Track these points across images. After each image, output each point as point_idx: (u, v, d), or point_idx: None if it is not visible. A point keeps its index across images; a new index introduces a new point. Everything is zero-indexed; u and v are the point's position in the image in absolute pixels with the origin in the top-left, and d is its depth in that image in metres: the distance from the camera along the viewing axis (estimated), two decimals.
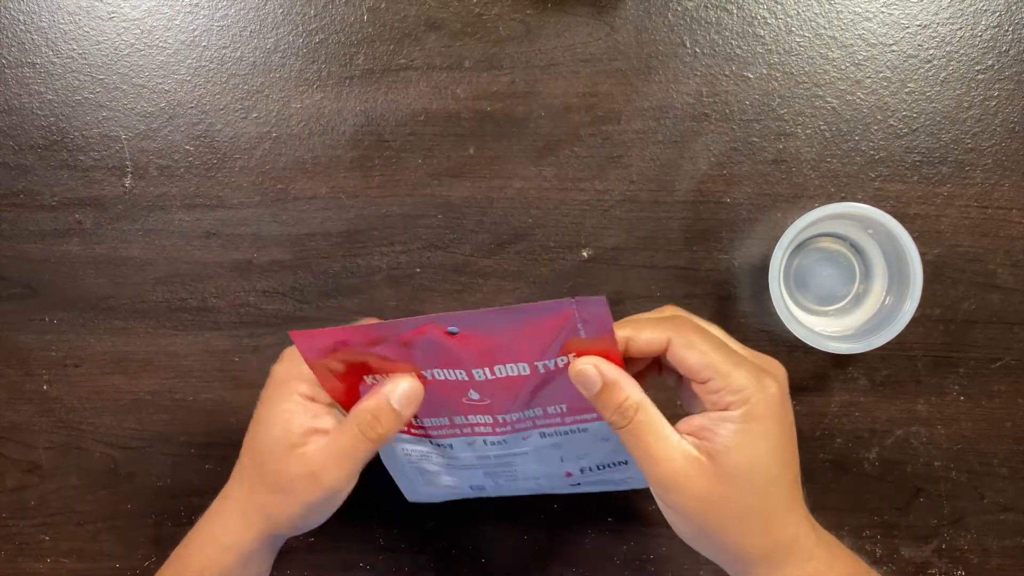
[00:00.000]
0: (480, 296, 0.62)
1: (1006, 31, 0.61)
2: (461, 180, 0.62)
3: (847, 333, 0.60)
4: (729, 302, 0.62)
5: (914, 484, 0.62)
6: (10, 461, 0.63)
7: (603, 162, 0.62)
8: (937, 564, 0.63)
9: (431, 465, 0.54)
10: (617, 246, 0.62)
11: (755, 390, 0.42)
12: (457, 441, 0.51)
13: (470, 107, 0.62)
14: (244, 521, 0.49)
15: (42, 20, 0.62)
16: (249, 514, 0.49)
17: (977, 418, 0.62)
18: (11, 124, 0.62)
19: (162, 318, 0.63)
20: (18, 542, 0.64)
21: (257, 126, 0.62)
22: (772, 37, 0.61)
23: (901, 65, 0.61)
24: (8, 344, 0.63)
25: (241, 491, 0.49)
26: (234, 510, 0.49)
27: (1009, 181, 0.61)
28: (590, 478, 0.53)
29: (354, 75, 0.62)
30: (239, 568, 0.49)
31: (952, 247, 0.61)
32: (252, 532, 0.49)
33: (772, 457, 0.43)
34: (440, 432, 0.51)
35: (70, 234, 0.63)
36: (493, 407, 0.48)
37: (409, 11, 0.62)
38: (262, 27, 0.62)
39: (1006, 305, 0.62)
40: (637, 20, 0.61)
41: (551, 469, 0.52)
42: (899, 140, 0.61)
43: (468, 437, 0.50)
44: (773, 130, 0.61)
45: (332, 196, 0.62)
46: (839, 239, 0.62)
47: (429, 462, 0.53)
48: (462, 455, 0.52)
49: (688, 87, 0.61)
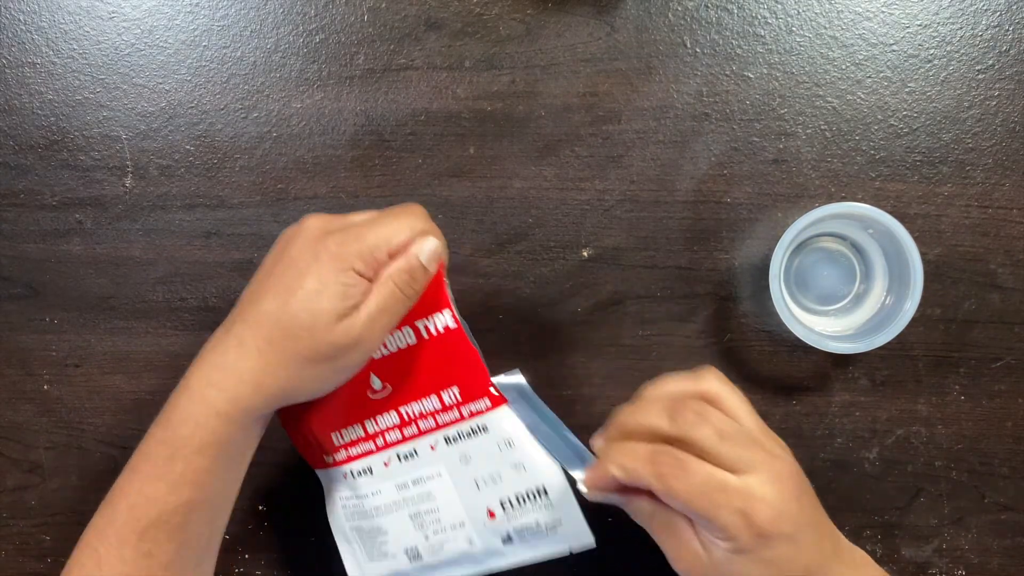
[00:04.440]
0: (480, 295, 0.62)
1: (1007, 31, 0.61)
2: (461, 180, 0.62)
3: (847, 333, 0.60)
4: (729, 302, 0.62)
5: (915, 484, 0.62)
6: (11, 461, 0.63)
7: (603, 162, 0.62)
8: (938, 564, 0.63)
9: (366, 519, 0.54)
10: (617, 246, 0.62)
11: (740, 528, 0.44)
12: (375, 463, 0.52)
13: (470, 107, 0.62)
14: (257, 391, 0.47)
15: (42, 20, 0.62)
16: (265, 383, 0.47)
17: (978, 418, 0.62)
18: (11, 124, 0.63)
19: (163, 318, 0.63)
20: (19, 542, 0.64)
21: (257, 126, 0.62)
22: (773, 37, 0.61)
23: (902, 65, 0.61)
24: (8, 344, 0.63)
25: (253, 360, 0.46)
26: (244, 380, 0.46)
27: (1010, 181, 0.61)
28: (518, 522, 0.51)
29: (354, 75, 0.62)
30: (242, 435, 0.48)
31: (953, 247, 0.61)
32: (263, 400, 0.47)
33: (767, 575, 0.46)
34: (357, 451, 0.53)
35: (71, 234, 0.63)
36: (394, 398, 0.51)
37: (409, 11, 0.62)
38: (262, 27, 0.62)
39: (1007, 305, 0.62)
40: (637, 20, 0.61)
41: (473, 507, 0.52)
42: (900, 140, 0.61)
43: (383, 453, 0.52)
44: (774, 130, 0.61)
45: (332, 196, 0.62)
46: (840, 239, 0.62)
47: (363, 515, 0.54)
48: (382, 486, 0.53)
49: (689, 87, 0.61)
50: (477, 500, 0.52)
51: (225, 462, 0.48)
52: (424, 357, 0.51)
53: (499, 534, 0.52)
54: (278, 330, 0.46)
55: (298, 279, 0.46)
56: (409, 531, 0.53)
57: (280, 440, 0.54)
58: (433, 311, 0.50)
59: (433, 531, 0.53)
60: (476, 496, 0.52)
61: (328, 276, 0.46)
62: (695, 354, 0.62)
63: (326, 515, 0.64)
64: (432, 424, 0.51)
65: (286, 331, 0.46)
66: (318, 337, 0.46)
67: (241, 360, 0.47)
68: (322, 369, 0.47)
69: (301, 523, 0.63)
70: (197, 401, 0.47)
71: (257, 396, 0.47)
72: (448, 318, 0.50)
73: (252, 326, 0.47)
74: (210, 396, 0.46)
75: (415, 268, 0.48)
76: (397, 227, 0.48)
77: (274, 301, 0.47)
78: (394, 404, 0.52)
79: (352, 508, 0.54)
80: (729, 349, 0.62)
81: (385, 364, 0.51)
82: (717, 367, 0.62)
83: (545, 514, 0.51)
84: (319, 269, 0.46)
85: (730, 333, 0.62)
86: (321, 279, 0.46)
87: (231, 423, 0.47)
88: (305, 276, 0.46)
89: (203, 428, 0.46)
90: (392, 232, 0.47)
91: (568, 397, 0.62)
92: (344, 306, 0.46)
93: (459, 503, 0.52)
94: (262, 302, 0.47)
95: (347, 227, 0.48)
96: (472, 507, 0.52)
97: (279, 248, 0.49)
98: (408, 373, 0.51)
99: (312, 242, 0.47)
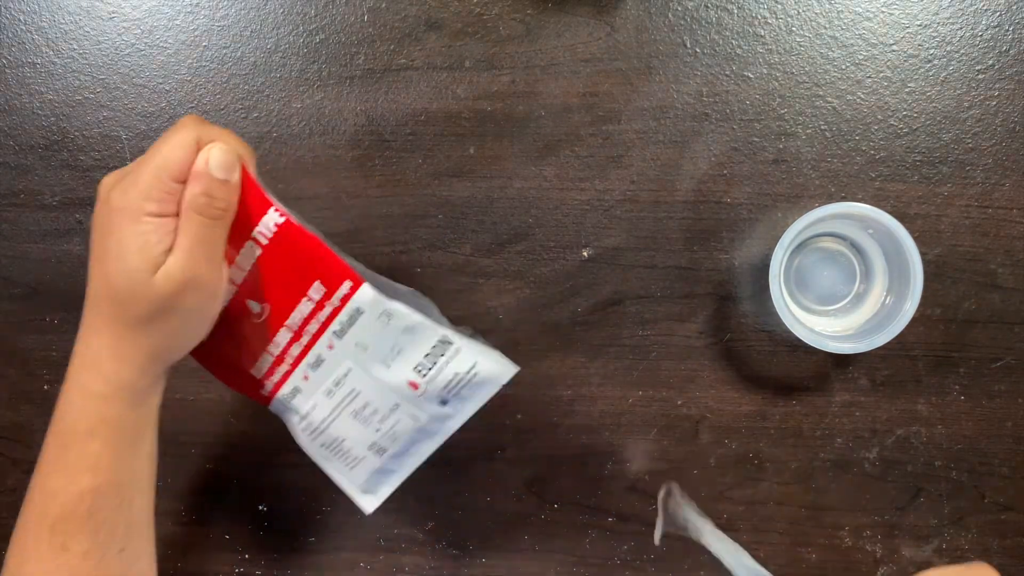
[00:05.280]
0: (480, 295, 0.62)
1: (1006, 31, 0.61)
2: (461, 180, 0.62)
3: (847, 333, 0.60)
4: (729, 302, 0.62)
5: (915, 484, 0.62)
6: (10, 461, 0.63)
7: (603, 162, 0.62)
8: (938, 564, 0.63)
9: (323, 434, 0.54)
10: (617, 246, 0.62)
11: None
12: (296, 381, 0.53)
13: (470, 107, 0.62)
14: (123, 364, 0.46)
15: (43, 20, 0.62)
16: (127, 355, 0.46)
17: (978, 418, 0.62)
18: (12, 124, 0.63)
19: None
20: None
21: (258, 126, 0.62)
22: (773, 37, 0.61)
23: (902, 65, 0.61)
24: (8, 344, 0.63)
25: (106, 338, 0.46)
26: (107, 358, 0.45)
27: (1009, 181, 0.61)
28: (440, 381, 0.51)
29: (355, 75, 0.62)
30: (131, 412, 0.47)
31: (952, 247, 0.61)
32: (135, 371, 0.46)
33: None
34: (277, 376, 0.53)
35: (71, 234, 0.63)
36: (275, 315, 0.51)
37: (409, 11, 0.62)
38: (262, 27, 0.62)
39: (1007, 305, 0.62)
40: (637, 20, 0.61)
41: (395, 385, 0.52)
42: (899, 140, 0.61)
43: (297, 370, 0.52)
44: (774, 130, 0.61)
45: (333, 196, 0.62)
46: (840, 239, 0.62)
47: (318, 431, 0.54)
48: (315, 399, 0.53)
49: (689, 87, 0.61)
50: (394, 378, 0.52)
51: (121, 442, 0.47)
52: (276, 263, 0.50)
53: (433, 400, 0.52)
54: (108, 303, 0.45)
55: (102, 247, 0.44)
56: (359, 429, 0.53)
57: (281, 440, 0.54)
58: (260, 215, 0.48)
59: (378, 420, 0.53)
60: (390, 374, 0.52)
61: (124, 232, 0.43)
62: (695, 354, 0.62)
63: (326, 515, 0.64)
64: (318, 325, 0.51)
65: (115, 300, 0.45)
66: (143, 294, 0.44)
67: (98, 340, 0.46)
68: (173, 321, 0.45)
69: (301, 523, 0.63)
70: (75, 389, 0.46)
71: (127, 369, 0.46)
72: (275, 215, 0.48)
73: (91, 307, 0.46)
74: (85, 380, 0.46)
75: (210, 185, 0.44)
76: (169, 149, 0.44)
77: (95, 278, 0.46)
78: (278, 321, 0.51)
79: (307, 428, 0.54)
80: (729, 349, 0.62)
81: (251, 285, 0.50)
82: (717, 367, 0.62)
83: (458, 362, 0.51)
84: (114, 229, 0.44)
85: (730, 333, 0.62)
86: (119, 239, 0.44)
87: (114, 400, 0.46)
88: (106, 240, 0.44)
89: (87, 412, 0.46)
90: (166, 157, 0.44)
91: (568, 397, 0.62)
92: (152, 255, 0.44)
93: (381, 387, 0.52)
94: (90, 283, 0.46)
95: (125, 174, 0.45)
96: (394, 386, 0.52)
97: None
98: (273, 285, 0.50)
99: (103, 205, 0.45)
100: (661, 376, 0.62)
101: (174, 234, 0.44)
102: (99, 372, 0.46)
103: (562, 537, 0.63)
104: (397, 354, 0.51)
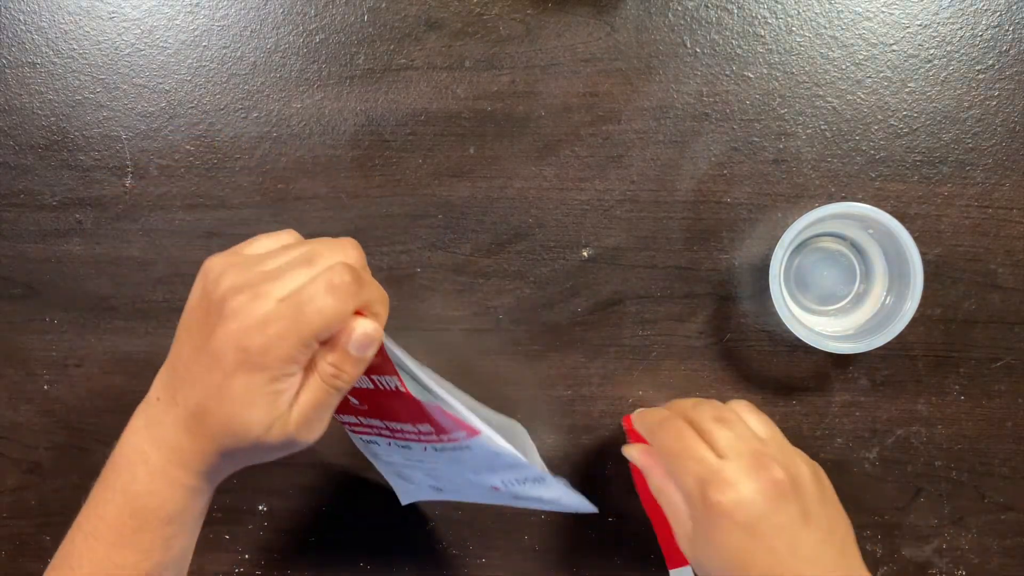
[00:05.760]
0: (480, 295, 0.62)
1: (1006, 31, 0.61)
2: (461, 180, 0.62)
3: (847, 333, 0.60)
4: (729, 302, 0.62)
5: (915, 484, 0.62)
6: (11, 461, 0.63)
7: (603, 162, 0.62)
8: (938, 564, 0.63)
9: (390, 466, 0.55)
10: (617, 246, 0.62)
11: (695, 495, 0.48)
12: (379, 440, 0.53)
13: (470, 107, 0.62)
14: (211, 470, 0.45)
15: (43, 20, 0.62)
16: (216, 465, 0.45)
17: (978, 418, 0.62)
18: (11, 124, 0.63)
19: (162, 318, 0.63)
20: (18, 542, 0.64)
21: (257, 126, 0.62)
22: (773, 37, 0.61)
23: (902, 65, 0.61)
24: (8, 344, 0.63)
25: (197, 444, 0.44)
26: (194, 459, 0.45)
27: (1010, 181, 0.61)
28: (518, 491, 0.52)
29: (354, 75, 0.62)
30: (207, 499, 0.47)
31: (952, 247, 0.61)
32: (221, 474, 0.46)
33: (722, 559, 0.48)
34: (360, 428, 0.52)
35: (70, 234, 0.63)
36: (373, 413, 0.50)
37: (409, 11, 0.62)
38: (262, 27, 0.62)
39: (1007, 305, 0.62)
40: (637, 20, 0.61)
41: (477, 484, 0.52)
42: (899, 140, 0.61)
43: (381, 437, 0.52)
44: (774, 130, 0.61)
45: (332, 196, 0.62)
46: (840, 239, 0.62)
47: (386, 464, 0.55)
48: (392, 455, 0.53)
49: (689, 87, 0.61)
50: (479, 480, 0.52)
51: (195, 525, 0.48)
52: (388, 399, 0.49)
53: (509, 497, 0.52)
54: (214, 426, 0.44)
55: (226, 383, 0.42)
56: (428, 480, 0.55)
57: None
58: (383, 373, 0.47)
59: (447, 481, 0.54)
60: (477, 478, 0.52)
61: (255, 381, 0.42)
62: (695, 354, 0.62)
63: (326, 515, 0.64)
64: (416, 438, 0.51)
65: (219, 432, 0.44)
66: (250, 439, 0.44)
67: (193, 443, 0.45)
68: (263, 456, 0.46)
69: (301, 523, 0.63)
70: (160, 476, 0.45)
71: (215, 474, 0.46)
72: (396, 382, 0.47)
73: (190, 417, 0.44)
74: (174, 473, 0.45)
75: (344, 361, 0.44)
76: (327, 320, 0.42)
77: (206, 399, 0.43)
78: (376, 416, 0.51)
79: (372, 453, 0.55)
80: (729, 349, 0.62)
81: (355, 391, 0.50)
82: (717, 367, 0.62)
83: (544, 489, 0.51)
84: (247, 376, 0.42)
85: (730, 333, 0.62)
86: (248, 387, 0.42)
87: (199, 493, 0.46)
88: (232, 380, 0.42)
89: (171, 501, 0.45)
90: (324, 326, 0.42)
91: (568, 397, 0.62)
92: (277, 415, 0.43)
93: (462, 479, 0.53)
94: (192, 393, 0.44)
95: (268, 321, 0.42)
96: (475, 484, 0.52)
97: (199, 315, 0.45)
98: (379, 404, 0.50)
99: (235, 336, 0.42)
100: (661, 376, 0.62)
101: (296, 388, 0.43)
102: (187, 468, 0.45)
103: (562, 537, 0.63)
104: (491, 471, 0.50)
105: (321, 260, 0.43)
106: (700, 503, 0.48)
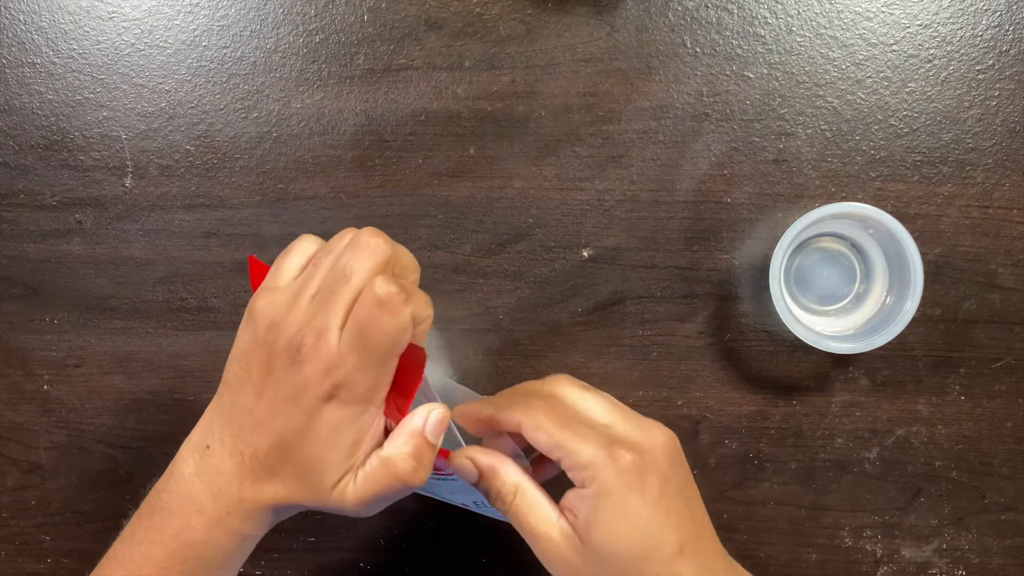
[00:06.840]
0: (480, 295, 0.62)
1: (1007, 31, 0.61)
2: (461, 180, 0.62)
3: (848, 333, 0.60)
4: (729, 302, 0.62)
5: (915, 484, 0.62)
6: (11, 461, 0.63)
7: (603, 162, 0.62)
8: (938, 564, 0.63)
9: None
10: (617, 246, 0.62)
11: (604, 464, 0.42)
12: None
13: (470, 107, 0.62)
14: (273, 516, 0.46)
15: (42, 20, 0.62)
16: (279, 513, 0.46)
17: (978, 418, 0.62)
18: (11, 124, 0.63)
19: (163, 318, 0.63)
20: (19, 542, 0.64)
21: (257, 126, 0.62)
22: (773, 37, 0.61)
23: (902, 65, 0.61)
24: (8, 344, 0.63)
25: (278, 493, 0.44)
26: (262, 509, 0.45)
27: (1010, 181, 0.61)
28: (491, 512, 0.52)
29: (354, 75, 0.62)
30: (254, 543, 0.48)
31: (953, 247, 0.61)
32: (276, 521, 0.46)
33: (636, 532, 0.42)
34: None
35: (70, 234, 0.63)
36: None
37: (409, 11, 0.62)
38: (262, 27, 0.62)
39: (1007, 305, 0.62)
40: (638, 20, 0.61)
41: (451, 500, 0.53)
42: (900, 140, 0.61)
43: None
44: (774, 130, 0.61)
45: (332, 196, 0.62)
46: (840, 239, 0.62)
47: None
48: None
49: (689, 87, 0.61)
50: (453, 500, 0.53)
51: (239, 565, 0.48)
52: None
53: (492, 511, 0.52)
54: (290, 469, 0.44)
55: (311, 421, 0.43)
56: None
57: None
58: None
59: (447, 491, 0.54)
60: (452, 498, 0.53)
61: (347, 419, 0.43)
62: (695, 354, 0.62)
63: (326, 515, 0.64)
64: None
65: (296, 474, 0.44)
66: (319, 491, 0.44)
67: (257, 493, 0.45)
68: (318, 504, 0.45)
69: (301, 523, 0.63)
70: (217, 526, 0.45)
71: (273, 518, 0.46)
72: None
73: (258, 465, 0.44)
74: (233, 524, 0.45)
75: (421, 448, 0.44)
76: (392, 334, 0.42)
77: (283, 442, 0.43)
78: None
79: None
80: (729, 349, 0.62)
81: None
82: (717, 367, 0.62)
83: None
84: (338, 410, 0.42)
85: (730, 333, 0.62)
86: (340, 422, 0.43)
87: (254, 540, 0.47)
88: (319, 416, 0.42)
89: (226, 549, 0.46)
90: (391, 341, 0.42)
91: None
92: (357, 456, 0.43)
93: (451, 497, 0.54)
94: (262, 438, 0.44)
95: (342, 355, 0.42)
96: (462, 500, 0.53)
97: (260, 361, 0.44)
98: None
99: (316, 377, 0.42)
100: (661, 376, 0.62)
101: (382, 437, 0.44)
102: (248, 518, 0.45)
103: None
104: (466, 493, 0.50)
105: (354, 274, 0.42)
106: (611, 467, 0.43)
